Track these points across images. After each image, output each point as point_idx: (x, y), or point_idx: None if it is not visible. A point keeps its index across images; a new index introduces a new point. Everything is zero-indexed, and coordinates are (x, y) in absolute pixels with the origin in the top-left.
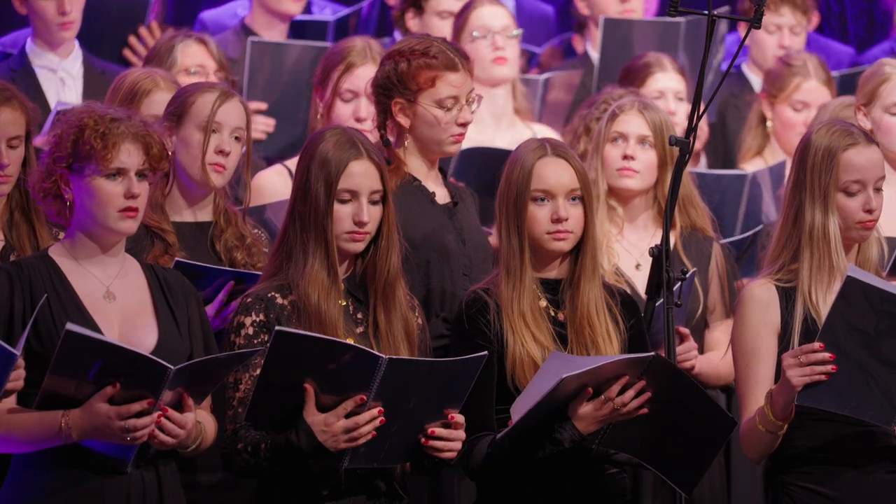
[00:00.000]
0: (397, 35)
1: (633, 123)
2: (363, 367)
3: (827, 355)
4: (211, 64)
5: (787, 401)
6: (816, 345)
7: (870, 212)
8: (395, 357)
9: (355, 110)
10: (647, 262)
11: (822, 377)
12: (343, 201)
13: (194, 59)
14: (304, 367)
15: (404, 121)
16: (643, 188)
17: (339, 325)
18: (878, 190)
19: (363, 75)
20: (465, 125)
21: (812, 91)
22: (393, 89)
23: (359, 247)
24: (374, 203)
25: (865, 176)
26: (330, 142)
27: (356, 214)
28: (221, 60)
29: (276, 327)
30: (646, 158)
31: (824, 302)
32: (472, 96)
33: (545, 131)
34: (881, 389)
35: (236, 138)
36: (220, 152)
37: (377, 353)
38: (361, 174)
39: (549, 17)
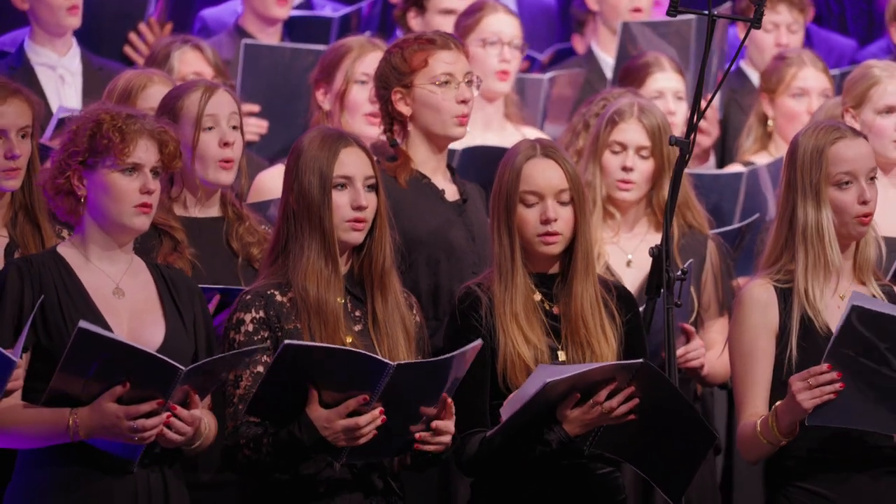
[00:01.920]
0: (399, 34)
1: (632, 132)
2: (370, 372)
3: (834, 374)
4: (208, 70)
5: (794, 420)
6: (824, 366)
7: (865, 203)
8: (402, 363)
9: (371, 94)
10: (638, 260)
11: (832, 396)
12: (339, 189)
13: (191, 66)
14: (311, 372)
15: (405, 109)
16: (639, 198)
17: (340, 317)
18: (871, 180)
19: (375, 60)
20: (465, 102)
21: (810, 77)
22: (390, 80)
23: (359, 237)
24: (368, 191)
25: (855, 167)
26: (316, 138)
27: (354, 200)
28: (218, 65)
29: (285, 341)
30: (644, 168)
31: (821, 298)
32: (470, 77)
33: (536, 135)
34: (892, 399)
35: (234, 127)
36: (226, 144)
37: (386, 360)
38: (354, 161)
39: (551, 13)
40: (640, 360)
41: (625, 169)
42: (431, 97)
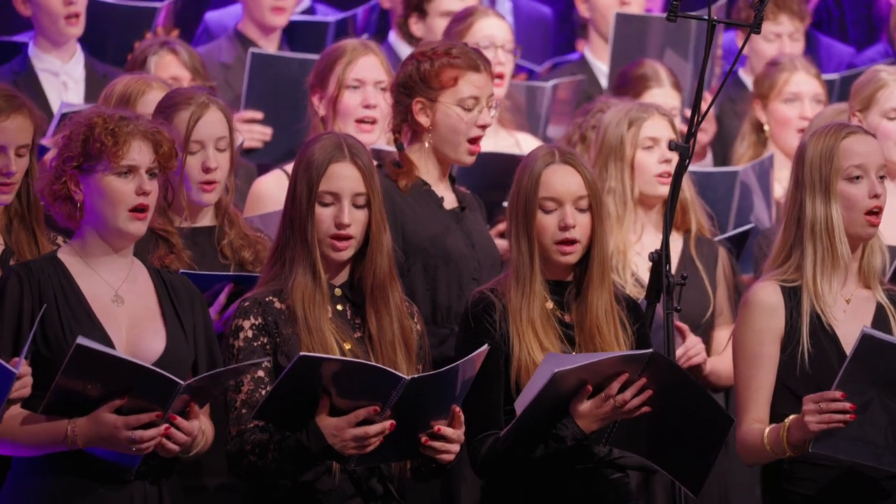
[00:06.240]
0: (392, 37)
1: (661, 128)
2: (383, 385)
3: (847, 405)
4: (184, 74)
5: (803, 437)
6: (837, 393)
7: (876, 196)
8: (416, 377)
9: (364, 98)
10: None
11: (839, 425)
12: (325, 204)
13: (167, 70)
14: (322, 382)
15: (424, 121)
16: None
17: (326, 333)
18: (881, 178)
19: (367, 64)
20: (483, 127)
21: (802, 82)
22: (415, 88)
23: (343, 255)
24: (358, 207)
25: (867, 161)
26: (317, 145)
27: (337, 216)
28: (196, 68)
29: (300, 353)
30: (675, 161)
31: (829, 292)
32: (491, 101)
33: (529, 140)
34: None
35: (221, 149)
36: (207, 170)
37: (400, 374)
38: (343, 176)
39: (547, 25)
40: (650, 350)
41: (665, 161)
42: (453, 119)
